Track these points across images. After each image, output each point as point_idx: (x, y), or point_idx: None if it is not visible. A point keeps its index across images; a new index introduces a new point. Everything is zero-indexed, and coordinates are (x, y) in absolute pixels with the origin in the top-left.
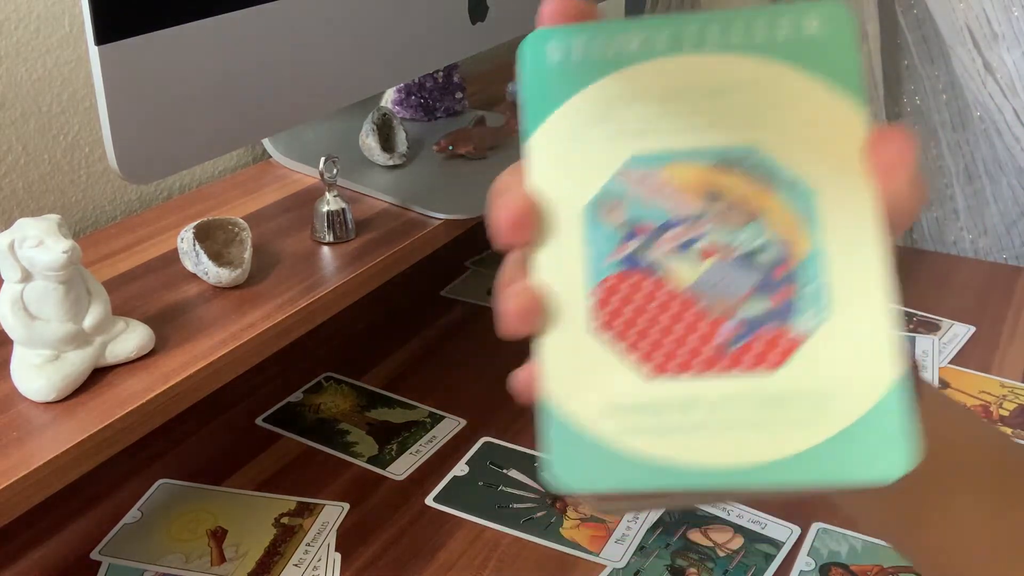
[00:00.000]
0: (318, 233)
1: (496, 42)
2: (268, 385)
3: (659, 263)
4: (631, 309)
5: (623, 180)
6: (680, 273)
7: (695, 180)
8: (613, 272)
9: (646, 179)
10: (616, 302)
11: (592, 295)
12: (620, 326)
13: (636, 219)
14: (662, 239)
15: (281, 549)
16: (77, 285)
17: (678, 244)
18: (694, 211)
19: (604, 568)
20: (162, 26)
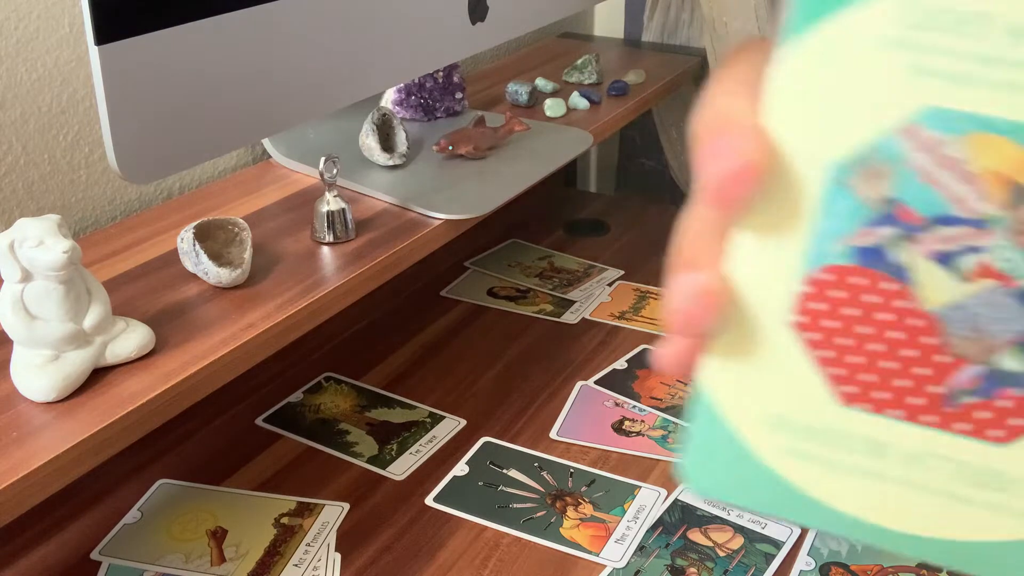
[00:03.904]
0: (318, 233)
1: (496, 42)
2: (268, 385)
3: (910, 267)
4: (848, 314)
5: (904, 139)
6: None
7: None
8: (841, 262)
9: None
10: (831, 300)
11: (803, 283)
12: (825, 331)
13: (901, 199)
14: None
15: (281, 549)
16: (77, 285)
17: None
18: (988, 211)
19: (604, 568)
20: (162, 26)
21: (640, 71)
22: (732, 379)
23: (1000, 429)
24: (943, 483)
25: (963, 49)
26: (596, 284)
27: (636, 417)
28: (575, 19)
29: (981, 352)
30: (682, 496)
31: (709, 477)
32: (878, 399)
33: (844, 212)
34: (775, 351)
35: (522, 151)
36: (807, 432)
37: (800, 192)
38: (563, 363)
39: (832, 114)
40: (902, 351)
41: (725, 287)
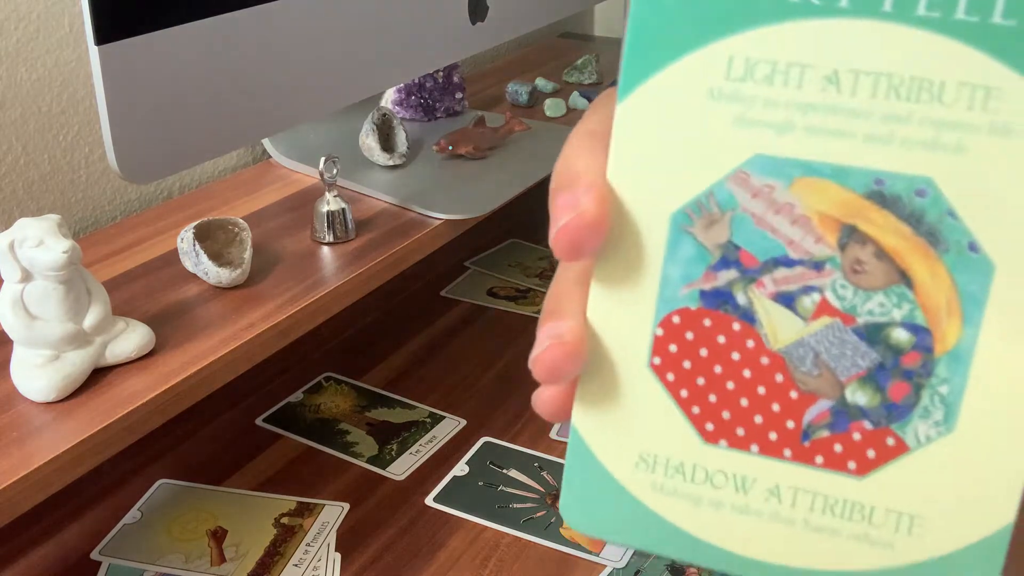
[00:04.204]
0: (318, 233)
1: (496, 42)
2: (268, 385)
3: (753, 308)
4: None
5: (736, 187)
6: (778, 327)
7: (835, 209)
8: (690, 305)
9: (767, 193)
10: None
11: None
12: (682, 372)
13: (739, 244)
14: (766, 278)
15: (281, 549)
16: (77, 285)
17: (786, 290)
18: (821, 252)
19: (604, 568)
20: (162, 26)
21: None
22: (601, 420)
23: (855, 461)
24: (807, 515)
25: (783, 98)
26: None
27: None
28: (575, 19)
29: (829, 388)
30: None
31: (587, 515)
32: (738, 436)
33: (688, 258)
34: (639, 392)
35: (522, 151)
36: (674, 469)
37: (647, 241)
38: None
39: (668, 165)
40: (756, 389)
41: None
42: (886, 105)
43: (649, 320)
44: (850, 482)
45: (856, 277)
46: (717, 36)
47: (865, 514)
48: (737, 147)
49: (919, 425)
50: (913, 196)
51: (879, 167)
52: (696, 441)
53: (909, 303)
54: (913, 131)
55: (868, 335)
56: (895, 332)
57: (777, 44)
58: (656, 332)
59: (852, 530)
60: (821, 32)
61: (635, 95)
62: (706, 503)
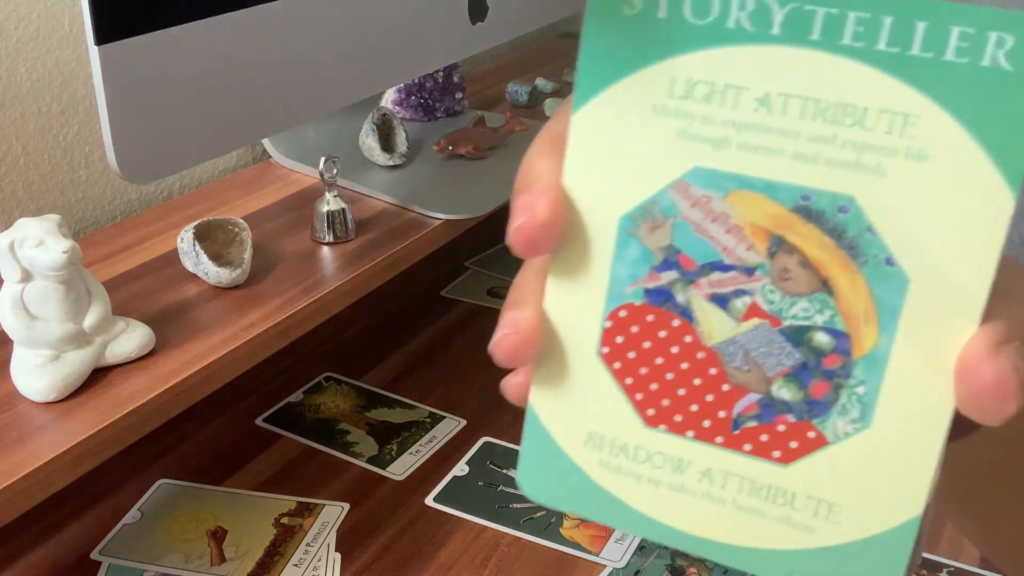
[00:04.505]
0: (318, 233)
1: (496, 42)
2: (268, 385)
3: (691, 307)
4: (645, 347)
5: (677, 195)
6: (712, 325)
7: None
8: (635, 301)
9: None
10: (630, 335)
11: (606, 319)
12: (627, 361)
13: (679, 248)
14: (703, 280)
15: (281, 549)
16: (77, 285)
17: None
18: (752, 259)
19: (604, 568)
20: (162, 26)
21: None
22: (554, 401)
23: (780, 450)
24: (736, 496)
25: (720, 117)
26: None
27: None
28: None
29: (757, 383)
30: None
31: (541, 486)
32: (676, 421)
33: (634, 259)
34: (588, 378)
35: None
36: (619, 448)
37: (597, 241)
38: None
39: (616, 172)
40: (693, 380)
41: (540, 324)
42: (813, 127)
43: (599, 313)
44: (775, 469)
45: (783, 283)
46: (661, 57)
47: (788, 499)
48: (678, 159)
49: (838, 421)
50: (836, 212)
51: (806, 184)
52: (638, 424)
53: (830, 310)
54: (837, 152)
55: (793, 337)
56: (817, 335)
57: (715, 67)
58: (605, 324)
59: (776, 513)
60: (755, 57)
61: (587, 107)
62: (646, 480)
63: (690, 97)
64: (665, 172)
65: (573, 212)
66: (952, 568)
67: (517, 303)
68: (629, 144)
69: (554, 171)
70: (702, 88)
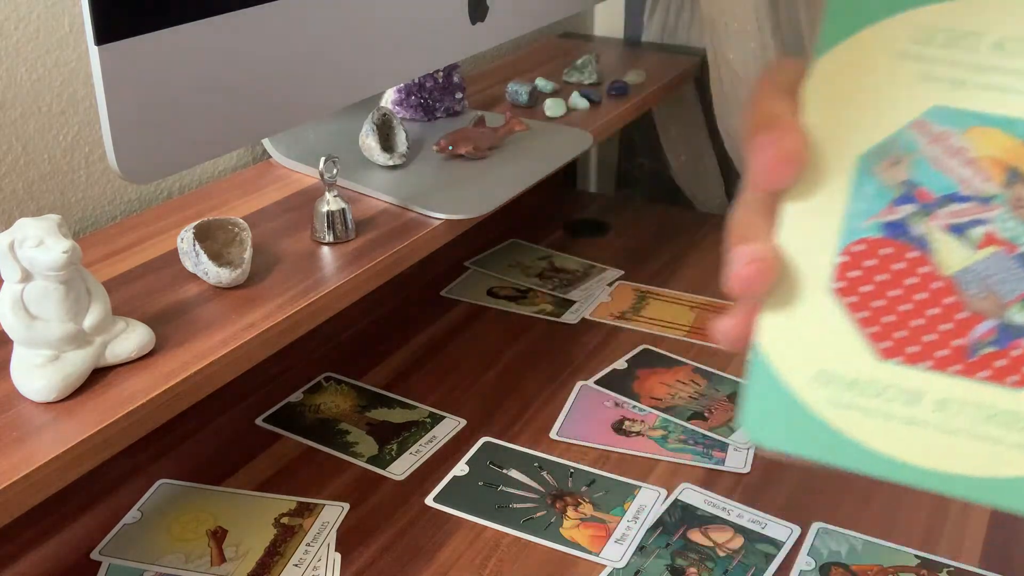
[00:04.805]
0: (318, 233)
1: (496, 42)
2: (268, 385)
3: (928, 238)
4: (879, 280)
5: (916, 133)
6: (949, 255)
7: (1001, 154)
8: (872, 235)
9: (944, 138)
10: (865, 268)
11: (841, 254)
12: (862, 295)
13: (917, 182)
14: (941, 212)
15: (281, 549)
16: (77, 285)
17: (958, 222)
18: (989, 190)
19: (604, 568)
20: (162, 26)
21: (640, 71)
22: (784, 340)
23: (1017, 375)
24: (971, 425)
25: (959, 59)
26: (596, 284)
27: (636, 417)
28: (575, 19)
29: (994, 308)
30: (682, 496)
31: (766, 428)
32: (911, 353)
33: (871, 194)
34: (820, 314)
35: (522, 151)
36: (849, 384)
37: (835, 178)
38: (563, 363)
39: (857, 113)
40: (928, 310)
41: (776, 256)
42: None
43: (833, 247)
44: (1012, 394)
45: (1019, 212)
46: (903, 8)
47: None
48: (919, 99)
49: None
50: None
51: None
52: (872, 358)
53: None
54: None
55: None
56: None
57: (953, 15)
58: (839, 259)
59: (1013, 439)
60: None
61: (832, 53)
62: (878, 415)
63: (931, 43)
64: (906, 111)
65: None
66: (952, 568)
67: (747, 238)
68: (871, 87)
69: (791, 112)
70: (941, 35)
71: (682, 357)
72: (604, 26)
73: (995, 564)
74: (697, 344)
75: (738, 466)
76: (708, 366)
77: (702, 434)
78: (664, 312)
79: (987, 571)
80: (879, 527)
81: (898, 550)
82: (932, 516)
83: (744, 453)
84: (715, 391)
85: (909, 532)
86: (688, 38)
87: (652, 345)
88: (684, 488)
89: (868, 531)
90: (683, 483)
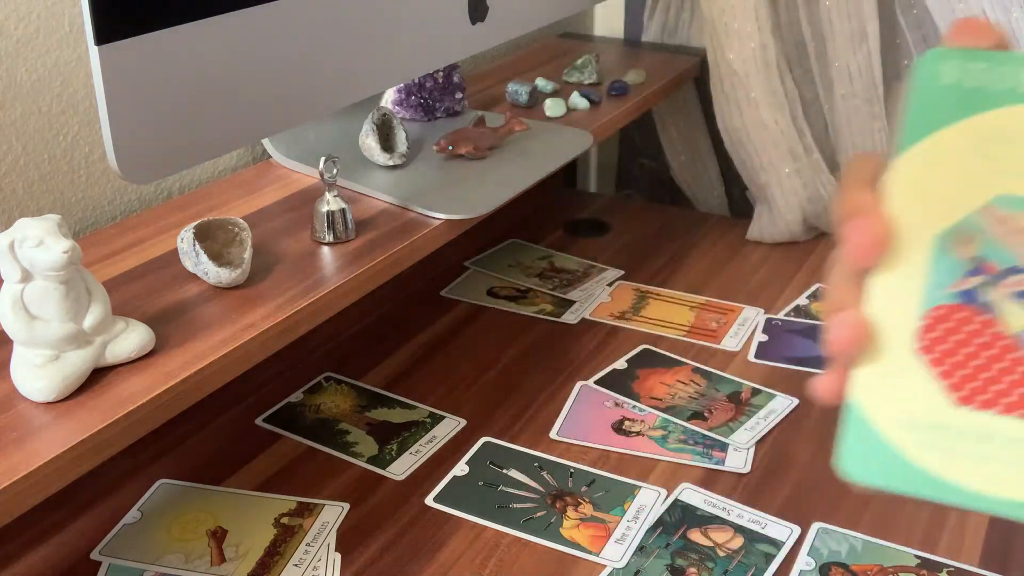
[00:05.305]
0: (318, 233)
1: (496, 42)
2: (268, 385)
3: (995, 304)
4: (955, 339)
5: (983, 217)
6: (1013, 318)
7: None
8: (948, 302)
9: (1006, 221)
10: (943, 330)
11: (922, 319)
12: (940, 352)
13: (985, 257)
14: (1005, 282)
15: (281, 549)
16: (77, 285)
17: (1020, 290)
18: None
19: (604, 568)
20: (162, 26)
21: (640, 71)
22: (875, 392)
23: None
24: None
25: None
26: (596, 284)
27: (636, 417)
28: (575, 19)
29: None
30: (682, 496)
31: (861, 468)
32: (983, 400)
33: (947, 267)
34: (906, 369)
35: (522, 151)
36: (932, 427)
37: (915, 255)
38: (563, 363)
39: (934, 201)
40: (996, 364)
41: (867, 322)
42: None
43: (916, 314)
44: None
45: None
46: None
47: None
48: (986, 189)
49: None
50: None
51: None
52: (951, 405)
53: None
54: None
55: None
56: None
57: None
58: (921, 323)
59: None
60: None
61: (911, 152)
62: (957, 453)
63: (993, 142)
64: (975, 199)
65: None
66: (952, 568)
67: (842, 306)
68: (945, 179)
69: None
70: (1001, 134)
71: (682, 357)
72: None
73: (995, 564)
74: (697, 344)
75: (738, 466)
76: (708, 366)
77: (702, 434)
78: (664, 312)
79: (987, 571)
80: (879, 527)
81: (898, 550)
82: (932, 516)
83: (744, 453)
84: (715, 391)
85: (909, 532)
86: (688, 38)
87: (652, 345)
88: (684, 488)
89: (868, 531)
90: (683, 483)
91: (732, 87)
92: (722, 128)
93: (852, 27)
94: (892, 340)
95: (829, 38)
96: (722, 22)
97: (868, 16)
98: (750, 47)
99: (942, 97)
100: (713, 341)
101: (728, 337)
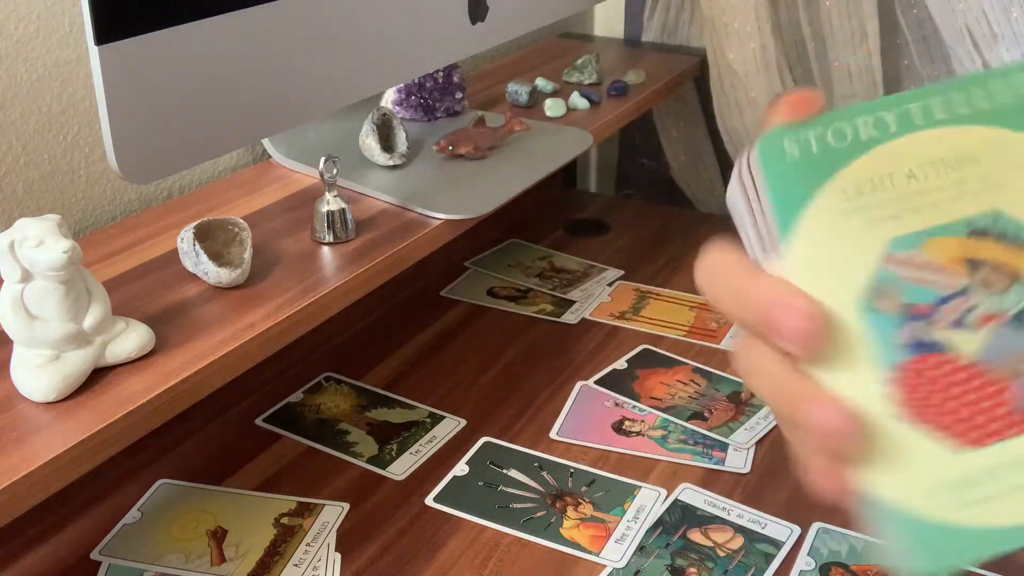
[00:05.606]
0: (318, 233)
1: (496, 42)
2: (268, 385)
3: (942, 340)
4: (926, 389)
5: (889, 266)
6: (963, 345)
7: (954, 253)
8: (902, 358)
9: (910, 261)
10: (911, 385)
11: (886, 383)
12: (920, 407)
13: (911, 302)
14: (939, 316)
15: (281, 549)
16: (77, 285)
17: (955, 318)
18: (961, 283)
19: (604, 568)
20: (162, 26)
21: (640, 71)
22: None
23: None
24: None
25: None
26: (596, 284)
27: (636, 417)
28: (575, 19)
29: (1016, 369)
30: (682, 496)
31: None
32: (981, 433)
33: (884, 326)
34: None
35: (522, 151)
36: (952, 485)
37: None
38: (563, 363)
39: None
40: (971, 395)
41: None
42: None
43: (878, 380)
44: None
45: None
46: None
47: None
48: (877, 240)
49: None
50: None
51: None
52: (955, 453)
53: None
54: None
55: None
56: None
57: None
58: (887, 386)
59: None
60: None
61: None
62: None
63: (862, 193)
64: (873, 253)
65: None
66: None
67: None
68: (837, 248)
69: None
70: (865, 184)
71: (682, 357)
72: (604, 26)
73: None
74: (697, 344)
75: (738, 466)
76: (708, 366)
77: (702, 434)
78: (664, 312)
79: (987, 571)
80: None
81: None
82: None
83: (744, 453)
84: (715, 391)
85: None
86: (688, 38)
87: (652, 345)
88: (684, 488)
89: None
90: (683, 483)
91: (732, 87)
92: (722, 128)
93: (852, 27)
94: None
95: (829, 38)
96: (722, 22)
97: (868, 16)
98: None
99: (795, 173)
100: (713, 341)
101: (728, 337)
